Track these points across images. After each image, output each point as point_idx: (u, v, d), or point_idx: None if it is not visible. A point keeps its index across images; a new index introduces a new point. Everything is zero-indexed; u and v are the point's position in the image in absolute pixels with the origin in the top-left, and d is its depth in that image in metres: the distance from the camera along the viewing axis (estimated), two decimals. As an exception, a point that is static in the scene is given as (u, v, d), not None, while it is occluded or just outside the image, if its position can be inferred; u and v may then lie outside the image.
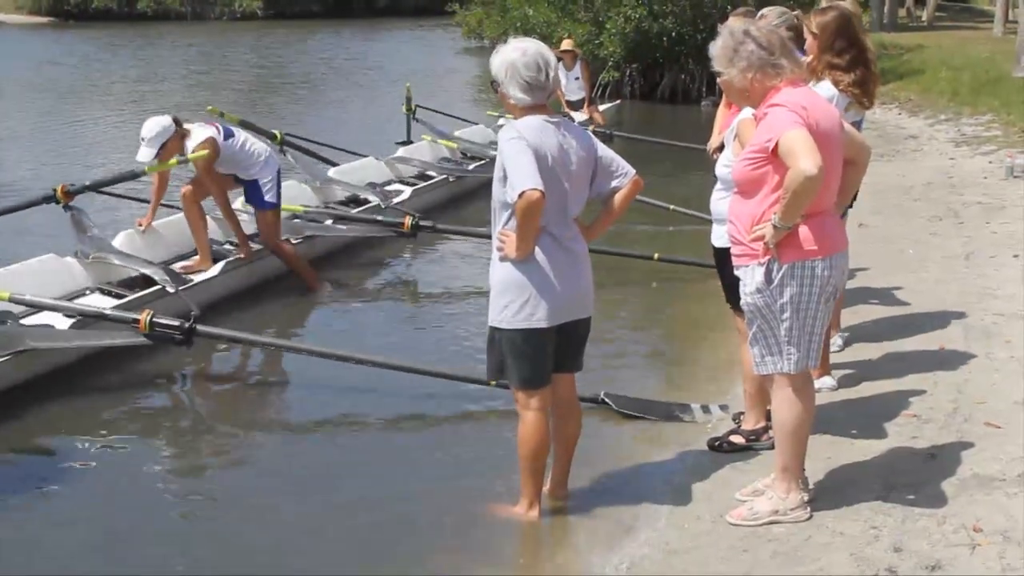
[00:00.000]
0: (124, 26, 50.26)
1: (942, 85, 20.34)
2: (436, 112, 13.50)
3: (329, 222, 9.53)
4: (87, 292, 7.02)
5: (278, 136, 9.95)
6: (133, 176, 8.01)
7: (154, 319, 6.34)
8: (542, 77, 4.43)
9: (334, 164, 11.00)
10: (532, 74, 4.41)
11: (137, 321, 6.35)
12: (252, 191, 8.23)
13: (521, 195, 4.23)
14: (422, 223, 9.11)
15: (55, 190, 7.43)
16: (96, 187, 7.65)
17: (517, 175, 4.27)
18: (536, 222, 4.33)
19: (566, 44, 15.98)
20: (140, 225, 8.12)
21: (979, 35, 33.77)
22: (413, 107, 12.87)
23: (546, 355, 4.58)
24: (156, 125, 7.68)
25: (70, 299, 6.86)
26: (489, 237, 4.63)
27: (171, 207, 8.61)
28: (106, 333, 6.60)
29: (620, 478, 5.21)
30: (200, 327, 6.40)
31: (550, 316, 4.47)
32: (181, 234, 8.26)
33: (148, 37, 43.12)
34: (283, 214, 8.95)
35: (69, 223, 7.49)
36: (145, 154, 7.67)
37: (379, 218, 9.54)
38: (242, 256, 8.23)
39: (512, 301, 4.48)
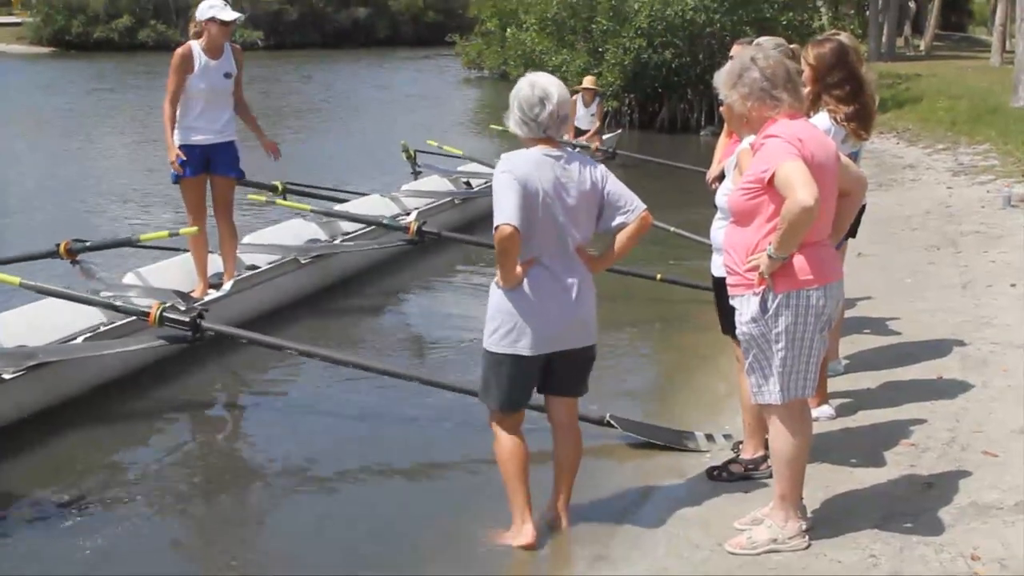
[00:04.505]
0: (124, 56, 50.48)
1: (940, 114, 20.42)
2: (438, 154, 13.51)
3: (338, 240, 9.73)
4: (101, 328, 7.07)
5: (279, 187, 9.95)
6: (128, 243, 8.06)
7: (164, 312, 6.54)
8: (535, 112, 4.53)
9: (340, 202, 10.99)
10: (527, 109, 4.53)
11: (147, 314, 6.55)
12: (227, 153, 8.12)
13: (496, 228, 4.36)
14: (427, 229, 9.22)
15: (58, 246, 7.51)
16: (96, 248, 7.76)
17: (497, 209, 4.41)
18: (511, 255, 4.44)
19: (587, 82, 16.43)
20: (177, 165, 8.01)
21: (976, 65, 33.91)
22: (413, 152, 12.88)
23: (527, 382, 4.69)
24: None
25: (83, 338, 6.91)
26: (491, 246, 4.72)
27: (173, 249, 8.69)
28: (117, 342, 6.73)
29: (620, 505, 5.23)
30: (206, 323, 6.58)
31: (535, 345, 4.56)
32: (187, 273, 8.27)
33: (149, 67, 43.30)
34: (292, 229, 9.29)
35: (78, 273, 7.55)
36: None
37: (385, 221, 9.69)
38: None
39: (500, 326, 4.59)
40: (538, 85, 4.56)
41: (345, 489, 5.68)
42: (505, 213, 4.38)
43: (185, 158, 7.88)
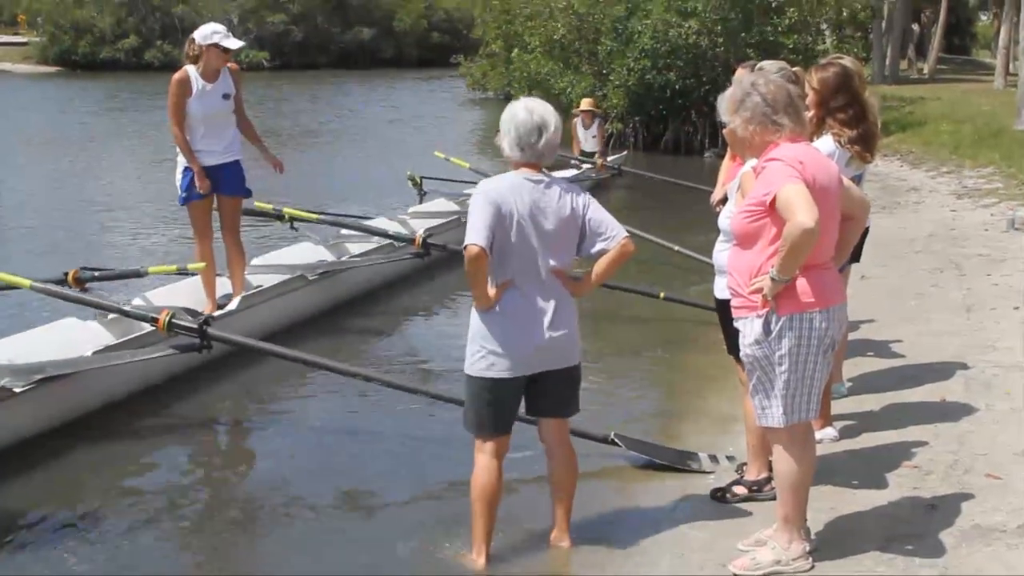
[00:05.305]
0: (131, 77, 50.65)
1: (944, 137, 20.44)
2: (444, 179, 13.55)
3: (345, 257, 9.80)
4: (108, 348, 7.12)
5: (286, 215, 9.97)
6: (136, 275, 8.10)
7: (173, 319, 6.62)
8: (533, 139, 4.59)
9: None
10: (525, 135, 4.59)
11: (156, 320, 6.63)
12: (233, 173, 8.14)
13: (465, 248, 4.42)
14: (433, 241, 9.23)
15: (66, 274, 7.55)
16: (104, 278, 7.81)
17: (467, 230, 4.47)
18: (480, 274, 4.49)
19: (585, 104, 16.51)
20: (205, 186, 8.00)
21: (980, 88, 33.97)
22: (419, 179, 12.94)
23: (505, 406, 4.70)
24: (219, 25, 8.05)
25: (92, 351, 6.93)
26: None
27: (184, 273, 8.71)
28: (126, 353, 6.78)
29: (622, 526, 5.24)
30: (213, 331, 6.65)
31: (512, 368, 4.59)
32: (195, 296, 8.27)
33: (159, 87, 43.53)
34: (300, 252, 9.39)
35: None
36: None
37: (390, 232, 9.73)
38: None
39: (478, 349, 4.64)
40: (535, 112, 4.62)
41: (353, 503, 5.71)
42: (473, 233, 4.44)
43: (208, 181, 7.94)
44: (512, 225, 4.52)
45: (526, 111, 4.61)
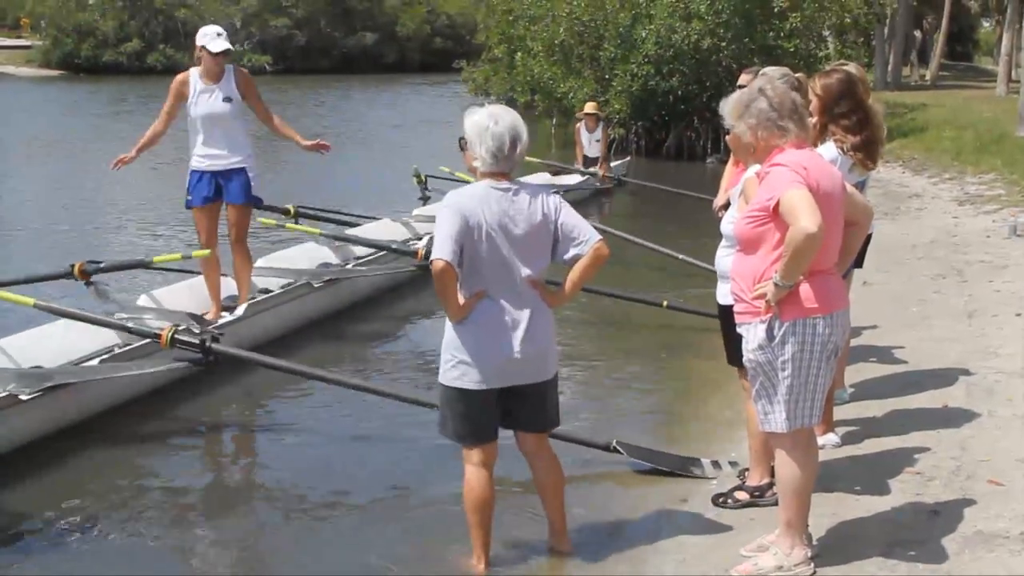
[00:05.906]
0: (134, 80, 50.70)
1: (945, 144, 20.46)
2: (449, 179, 13.55)
3: (349, 265, 9.81)
4: (115, 349, 7.13)
5: (291, 211, 9.96)
6: (142, 265, 8.12)
7: (175, 335, 6.59)
8: (507, 150, 4.52)
9: (351, 226, 10.96)
10: (500, 144, 4.51)
11: (159, 336, 6.59)
12: (237, 180, 8.10)
13: (431, 263, 4.37)
14: None
15: (72, 267, 7.51)
16: (109, 269, 7.80)
17: (433, 244, 4.43)
18: (448, 288, 4.41)
19: (589, 107, 16.46)
20: (120, 163, 8.15)
21: (982, 94, 33.99)
22: (424, 178, 12.94)
23: (482, 415, 4.62)
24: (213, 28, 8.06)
25: (98, 360, 6.97)
26: None
27: (187, 272, 8.70)
28: (132, 364, 6.79)
29: (624, 532, 5.24)
30: (218, 346, 6.61)
31: (483, 379, 4.53)
32: (201, 295, 8.30)
33: (160, 90, 43.56)
34: (305, 253, 9.43)
35: (92, 294, 7.59)
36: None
37: (395, 246, 9.74)
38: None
39: (449, 358, 4.58)
40: (505, 121, 4.54)
41: (354, 504, 5.73)
42: (438, 248, 4.38)
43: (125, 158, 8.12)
44: (482, 236, 4.45)
45: (495, 120, 4.53)
